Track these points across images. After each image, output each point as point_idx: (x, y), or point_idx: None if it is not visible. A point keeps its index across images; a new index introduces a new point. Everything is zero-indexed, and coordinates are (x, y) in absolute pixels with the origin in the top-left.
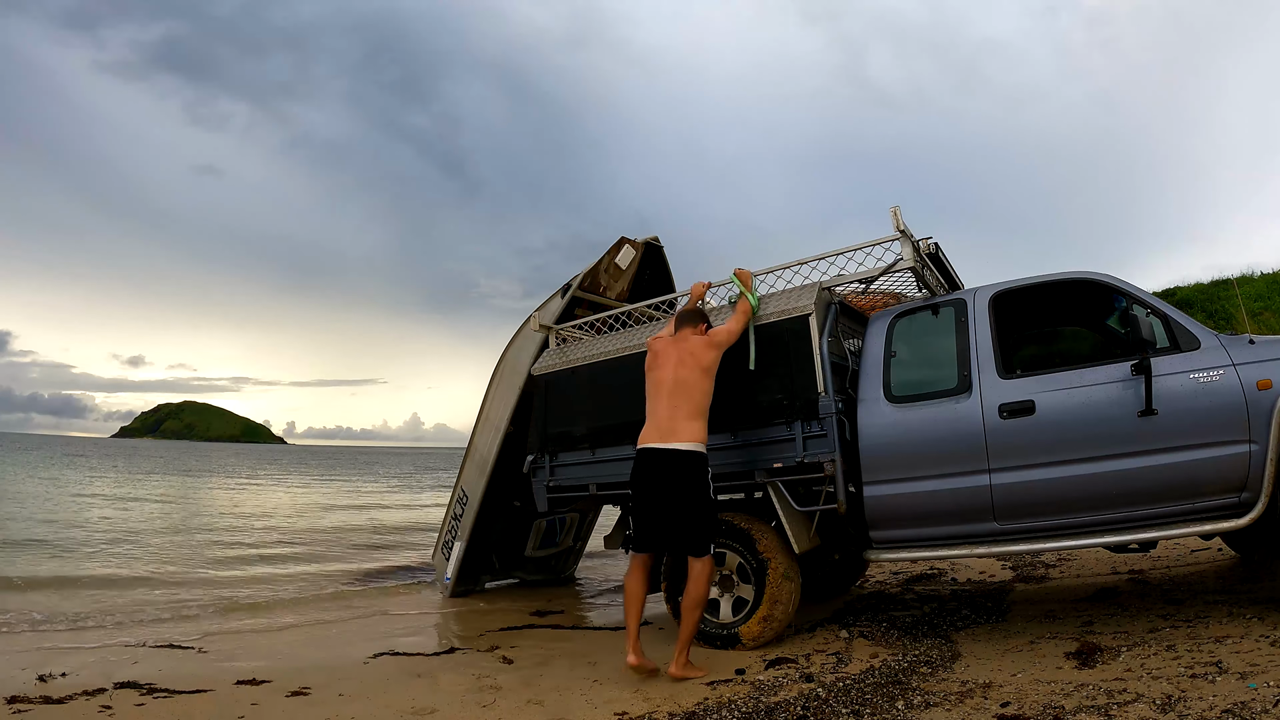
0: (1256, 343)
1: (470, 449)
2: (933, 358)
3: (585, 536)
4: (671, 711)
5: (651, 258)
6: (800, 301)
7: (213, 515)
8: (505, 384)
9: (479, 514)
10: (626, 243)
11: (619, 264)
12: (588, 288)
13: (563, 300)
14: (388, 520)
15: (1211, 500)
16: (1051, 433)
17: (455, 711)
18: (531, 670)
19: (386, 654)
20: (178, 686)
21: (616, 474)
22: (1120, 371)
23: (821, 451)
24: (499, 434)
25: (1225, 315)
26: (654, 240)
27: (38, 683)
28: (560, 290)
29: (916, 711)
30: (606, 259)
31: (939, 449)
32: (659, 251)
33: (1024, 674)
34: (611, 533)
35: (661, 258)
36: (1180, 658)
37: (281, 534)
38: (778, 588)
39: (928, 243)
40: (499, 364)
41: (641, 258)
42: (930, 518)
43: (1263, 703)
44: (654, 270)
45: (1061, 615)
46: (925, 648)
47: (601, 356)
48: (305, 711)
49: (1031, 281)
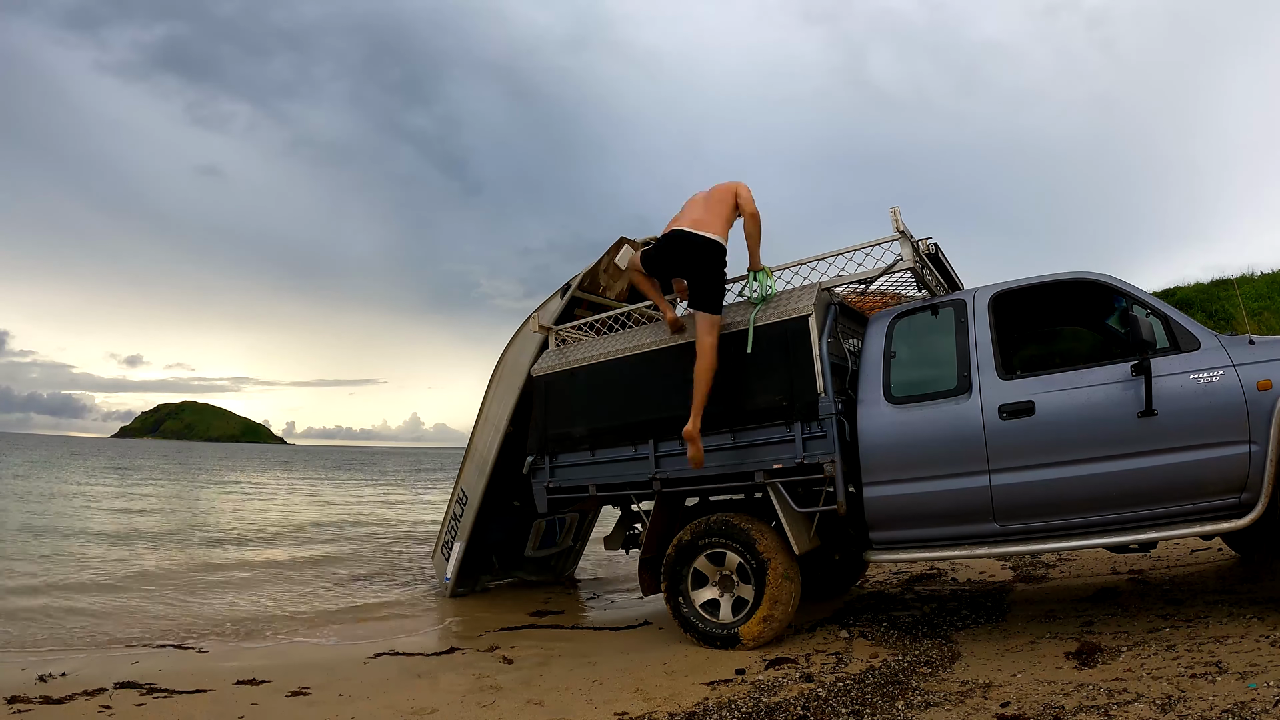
0: (1256, 343)
1: (470, 449)
2: (932, 358)
3: (585, 537)
4: (671, 711)
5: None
6: (800, 302)
7: (212, 515)
8: (505, 384)
9: (479, 514)
10: (626, 243)
11: (618, 264)
12: (587, 288)
13: (562, 300)
14: (388, 520)
15: (1211, 501)
16: (1051, 433)
17: (455, 711)
18: (531, 670)
19: (386, 654)
20: (178, 686)
21: (616, 475)
22: (1120, 372)
23: (821, 452)
24: (499, 434)
25: (1225, 315)
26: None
27: (38, 683)
28: (560, 290)
29: (916, 711)
30: (606, 259)
31: (939, 450)
32: None
33: (1024, 674)
34: (611, 534)
35: None
36: (1180, 658)
37: (281, 533)
38: (778, 588)
39: (927, 243)
40: (499, 364)
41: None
42: (930, 518)
43: (1263, 703)
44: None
45: (1061, 615)
46: (925, 648)
47: (601, 357)
48: (305, 711)
49: (1031, 282)
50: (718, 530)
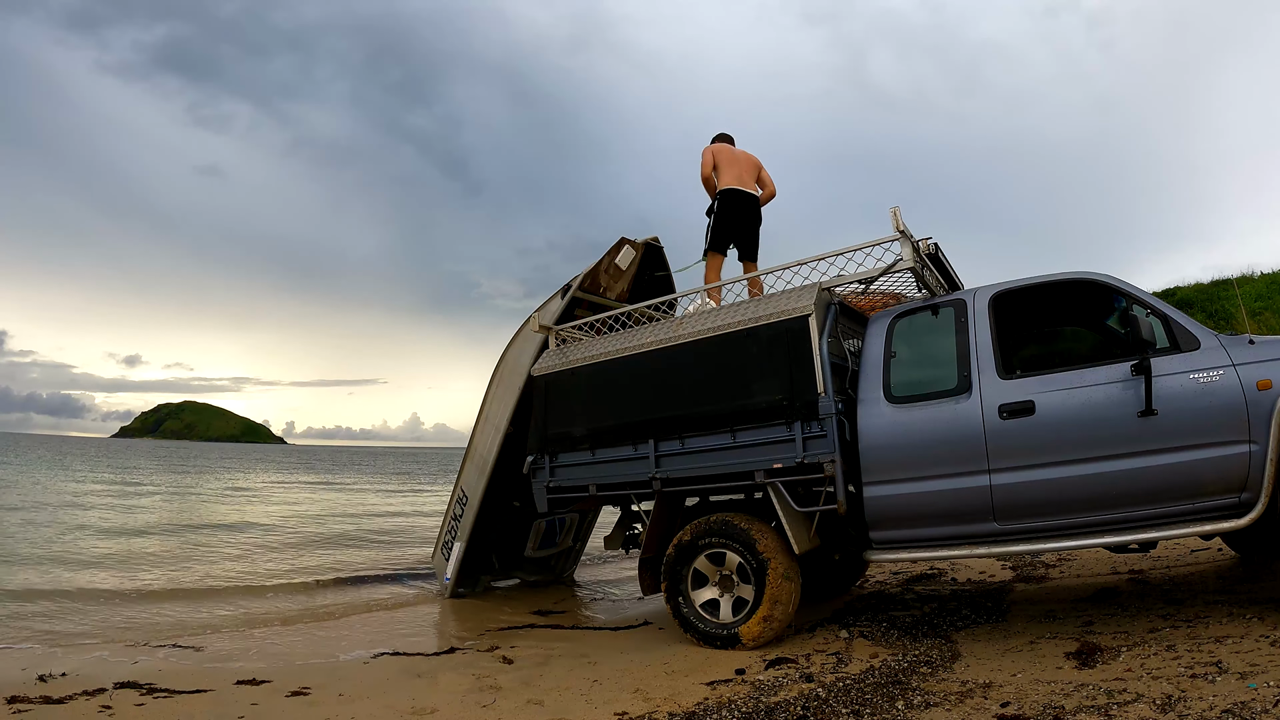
0: (1256, 343)
1: (470, 449)
2: (933, 358)
3: (585, 537)
4: (671, 711)
5: (651, 258)
6: (800, 302)
7: (212, 515)
8: (505, 384)
9: (479, 514)
10: (626, 243)
11: (619, 264)
12: (588, 288)
13: (563, 301)
14: (387, 519)
15: (1211, 500)
16: (1051, 433)
17: (455, 711)
18: (531, 670)
19: (386, 654)
20: (178, 686)
21: (616, 475)
22: (1120, 372)
23: (821, 452)
24: (499, 434)
25: (1225, 315)
26: (654, 241)
27: (38, 682)
28: (560, 291)
29: (916, 711)
30: (606, 260)
31: (939, 449)
32: (659, 252)
33: (1024, 674)
34: (611, 534)
35: (661, 258)
36: (1180, 658)
37: (281, 533)
38: (778, 588)
39: (927, 243)
40: (499, 364)
41: (641, 258)
42: (930, 518)
43: (1263, 703)
44: (654, 271)
45: (1061, 615)
46: (925, 648)
47: (602, 357)
48: (305, 711)
49: (1031, 282)
50: (718, 530)
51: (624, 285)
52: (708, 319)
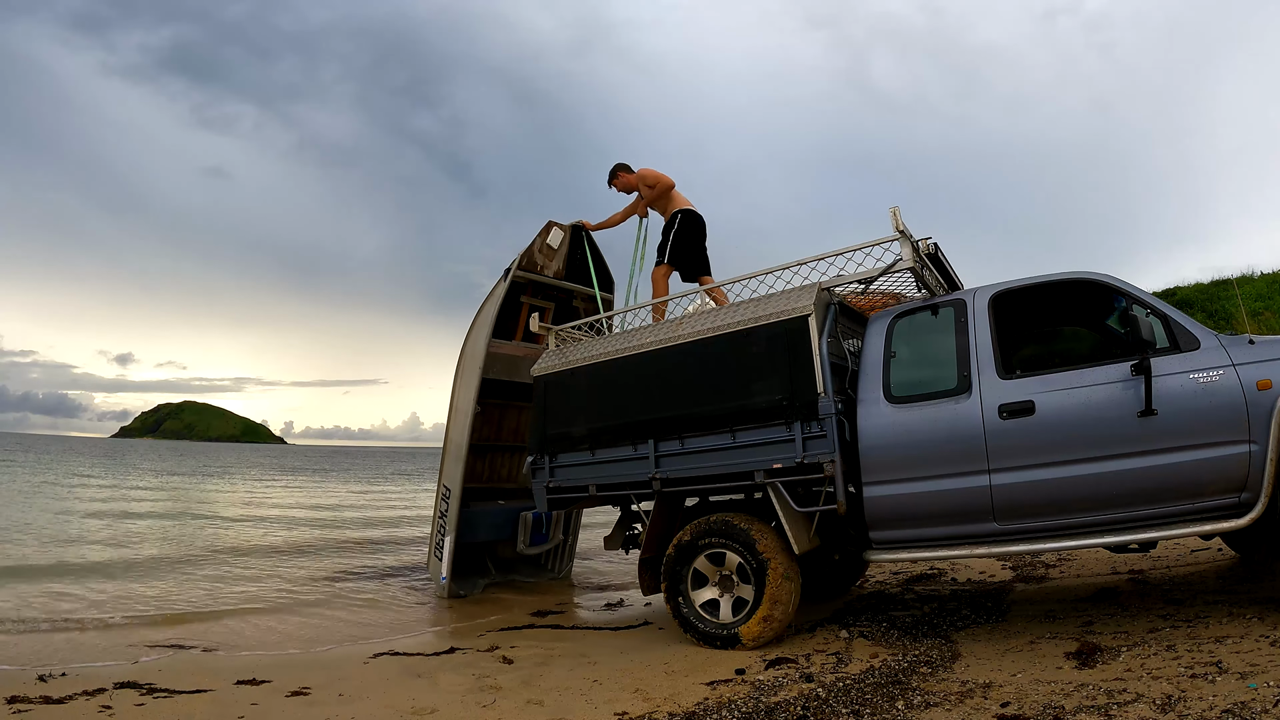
0: (1256, 343)
1: (446, 444)
2: (932, 358)
3: (574, 531)
4: (671, 711)
5: (579, 239)
6: (800, 302)
7: (211, 515)
8: (467, 371)
9: (462, 503)
10: (554, 226)
11: (550, 244)
12: (526, 267)
13: (505, 283)
14: (387, 519)
15: (1211, 500)
16: (1051, 433)
17: (455, 711)
18: (531, 670)
19: (386, 654)
20: (178, 686)
21: (616, 475)
22: (1120, 372)
23: (821, 452)
24: (468, 418)
25: (1225, 315)
26: (578, 224)
27: (38, 682)
28: (503, 274)
29: (916, 711)
30: (539, 240)
31: (939, 449)
32: (584, 234)
33: (1024, 674)
34: (611, 533)
35: (588, 239)
36: (1180, 658)
37: (280, 534)
38: (778, 588)
39: (927, 243)
40: (460, 357)
41: (570, 239)
42: (930, 518)
43: (1263, 703)
44: (583, 250)
45: (1061, 615)
46: (925, 648)
47: (601, 357)
48: (305, 711)
49: (1031, 282)
50: (718, 530)
51: (559, 264)
52: (708, 319)
